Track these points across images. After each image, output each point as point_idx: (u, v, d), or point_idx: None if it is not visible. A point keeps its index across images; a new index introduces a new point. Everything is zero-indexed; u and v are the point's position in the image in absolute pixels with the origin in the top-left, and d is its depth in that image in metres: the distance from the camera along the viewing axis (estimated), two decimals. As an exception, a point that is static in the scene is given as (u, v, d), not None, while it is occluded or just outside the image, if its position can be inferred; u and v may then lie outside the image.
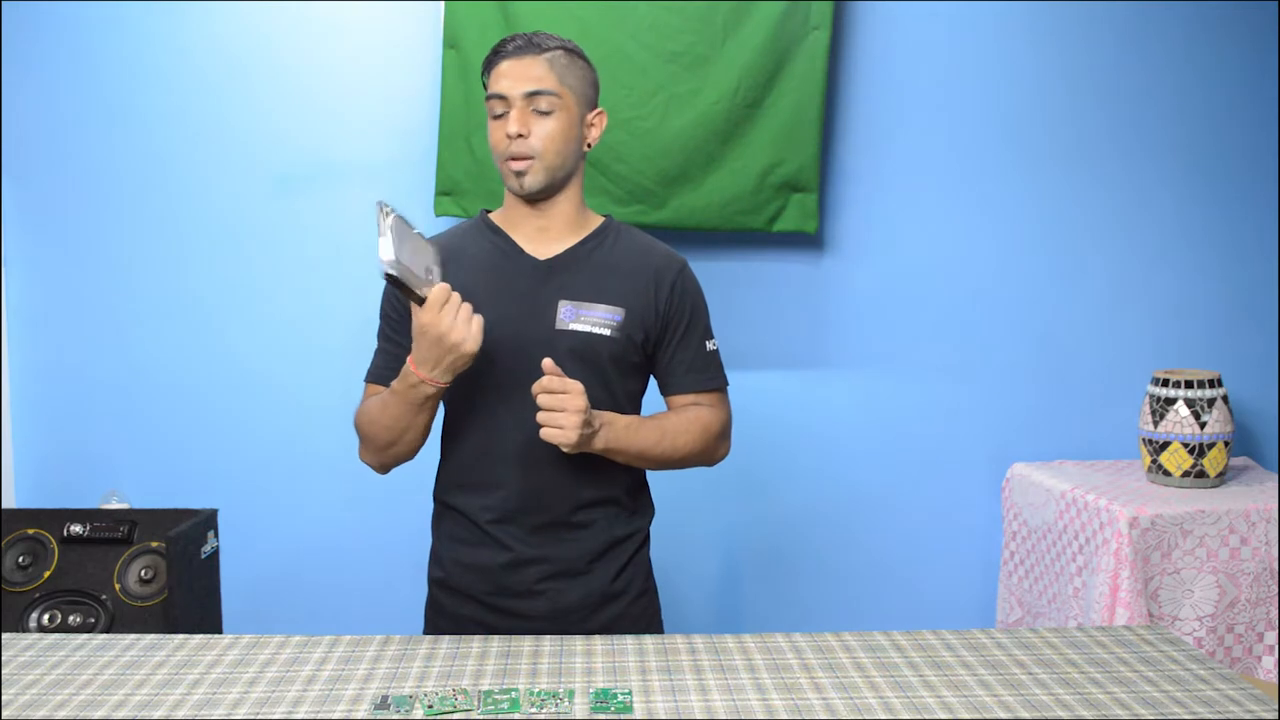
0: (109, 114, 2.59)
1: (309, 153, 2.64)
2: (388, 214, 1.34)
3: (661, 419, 1.60)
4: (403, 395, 1.47)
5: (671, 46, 2.52)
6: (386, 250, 1.31)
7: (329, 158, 2.64)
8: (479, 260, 1.60)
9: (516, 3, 2.47)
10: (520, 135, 1.52)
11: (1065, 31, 2.74)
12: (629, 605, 1.64)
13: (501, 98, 1.54)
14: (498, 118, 1.55)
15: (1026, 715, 1.22)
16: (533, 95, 1.53)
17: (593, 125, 1.61)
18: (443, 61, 2.52)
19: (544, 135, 1.54)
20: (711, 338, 1.68)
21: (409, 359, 1.44)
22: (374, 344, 1.66)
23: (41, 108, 2.58)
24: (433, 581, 1.66)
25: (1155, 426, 2.53)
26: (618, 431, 1.51)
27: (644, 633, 1.57)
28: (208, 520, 2.22)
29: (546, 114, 1.54)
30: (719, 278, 2.62)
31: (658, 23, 2.50)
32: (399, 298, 1.59)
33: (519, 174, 1.54)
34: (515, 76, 1.53)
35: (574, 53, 1.59)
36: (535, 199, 1.58)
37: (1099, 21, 2.74)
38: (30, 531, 2.15)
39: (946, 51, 2.72)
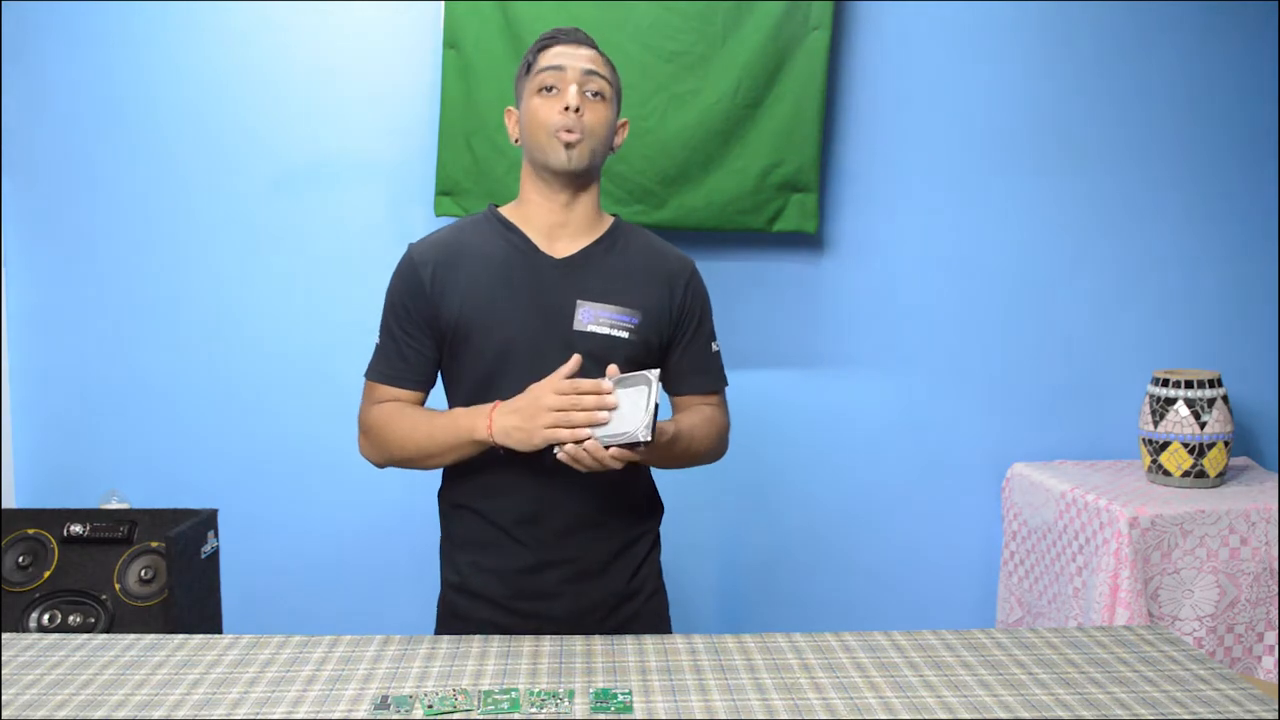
0: (109, 115, 2.59)
1: (309, 153, 2.63)
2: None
3: (680, 419, 1.59)
4: (460, 445, 1.49)
5: (671, 46, 2.52)
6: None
7: (329, 158, 2.64)
8: (493, 256, 1.58)
9: (516, 3, 2.47)
10: (578, 110, 1.54)
11: (1064, 32, 2.74)
12: (643, 605, 1.65)
13: (558, 69, 1.56)
14: (547, 94, 1.56)
15: (1026, 715, 1.22)
16: (589, 75, 1.56)
17: (618, 131, 1.64)
18: (443, 61, 2.52)
19: (595, 117, 1.57)
20: (715, 339, 1.70)
21: (489, 418, 1.44)
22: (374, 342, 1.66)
23: (42, 108, 2.58)
24: (447, 585, 1.63)
25: (1155, 426, 2.53)
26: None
27: (655, 632, 1.57)
28: (208, 520, 2.21)
29: (597, 99, 1.57)
30: (719, 278, 2.62)
31: (658, 23, 2.51)
32: (412, 294, 1.58)
33: (569, 145, 1.54)
34: (573, 56, 1.57)
35: (609, 61, 1.63)
36: (567, 184, 1.58)
37: (1098, 21, 2.74)
38: (30, 531, 2.15)
39: (946, 51, 2.72)
